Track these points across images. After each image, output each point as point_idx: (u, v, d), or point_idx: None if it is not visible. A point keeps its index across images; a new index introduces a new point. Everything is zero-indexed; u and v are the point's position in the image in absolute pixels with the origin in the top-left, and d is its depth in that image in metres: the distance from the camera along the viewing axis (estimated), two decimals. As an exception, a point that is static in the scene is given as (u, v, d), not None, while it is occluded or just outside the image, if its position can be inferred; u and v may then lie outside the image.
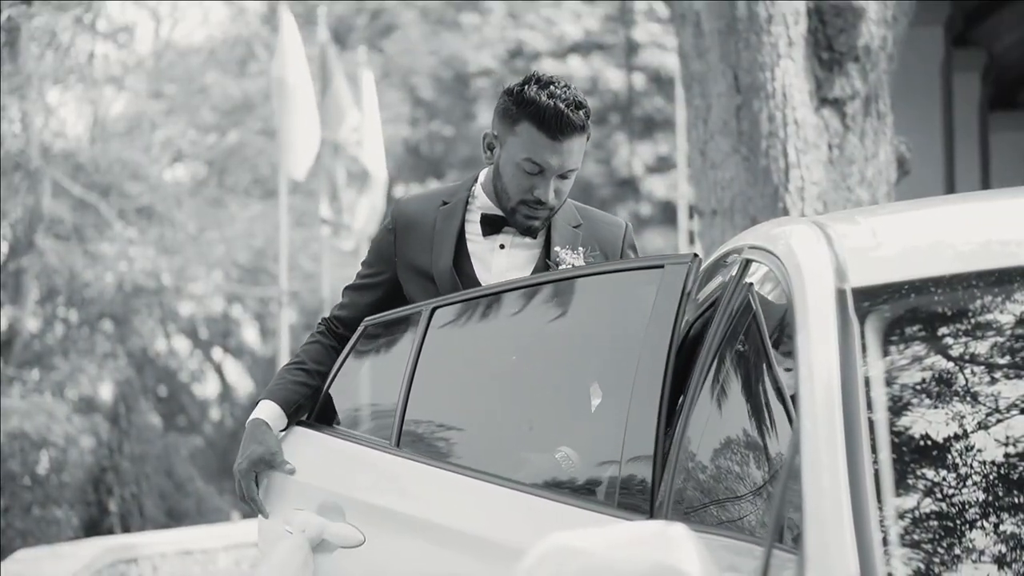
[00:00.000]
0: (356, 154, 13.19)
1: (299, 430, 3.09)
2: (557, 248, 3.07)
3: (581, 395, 2.86)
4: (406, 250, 3.13)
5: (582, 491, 2.66)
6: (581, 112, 3.01)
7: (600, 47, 21.75)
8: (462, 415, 2.96)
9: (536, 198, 3.02)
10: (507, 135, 3.05)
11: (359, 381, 3.11)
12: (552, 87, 3.01)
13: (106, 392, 15.51)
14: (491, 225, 3.11)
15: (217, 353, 20.87)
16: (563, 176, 3.04)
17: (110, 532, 10.27)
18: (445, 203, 3.14)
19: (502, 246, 3.11)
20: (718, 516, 2.27)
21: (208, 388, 21.03)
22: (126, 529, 10.35)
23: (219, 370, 20.85)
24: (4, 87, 12.34)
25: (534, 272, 3.08)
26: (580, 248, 3.09)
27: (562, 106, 2.98)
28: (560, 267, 3.05)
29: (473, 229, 3.12)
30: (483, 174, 3.16)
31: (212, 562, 9.52)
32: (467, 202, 3.14)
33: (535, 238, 3.10)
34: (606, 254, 3.12)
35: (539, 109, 2.99)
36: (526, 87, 3.02)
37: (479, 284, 3.07)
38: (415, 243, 3.12)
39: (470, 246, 3.11)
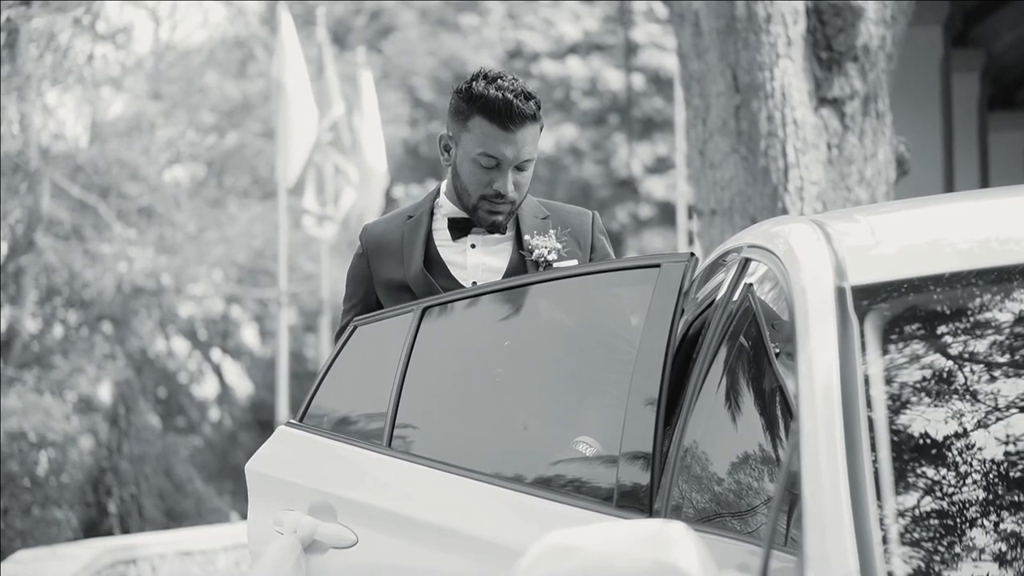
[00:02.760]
0: (325, 152, 13.23)
1: (290, 431, 3.07)
2: (527, 237, 3.11)
3: (576, 395, 2.85)
4: (380, 269, 3.18)
5: (579, 490, 2.65)
6: (531, 102, 3.06)
7: (599, 48, 21.74)
8: (454, 414, 2.95)
9: (496, 191, 3.07)
10: (461, 133, 3.10)
11: (350, 381, 3.10)
12: (500, 80, 3.07)
13: (105, 393, 15.48)
14: (459, 229, 3.16)
15: (216, 354, 20.84)
16: (520, 168, 3.08)
17: (109, 533, 10.25)
18: (410, 217, 3.20)
19: (473, 245, 3.15)
20: (717, 515, 2.27)
21: (207, 389, 21.00)
22: (125, 530, 10.33)
23: (218, 371, 20.82)
24: (3, 88, 12.33)
25: (509, 265, 3.12)
26: (551, 231, 3.12)
27: (511, 97, 3.04)
28: (533, 253, 3.08)
29: (442, 235, 3.17)
30: (444, 184, 3.22)
31: (211, 563, 9.51)
32: (432, 212, 3.20)
33: (503, 234, 3.14)
34: (577, 239, 3.15)
35: (488, 102, 3.04)
36: (474, 83, 3.08)
37: (456, 284, 3.10)
38: (386, 260, 3.18)
39: (441, 251, 3.16)
